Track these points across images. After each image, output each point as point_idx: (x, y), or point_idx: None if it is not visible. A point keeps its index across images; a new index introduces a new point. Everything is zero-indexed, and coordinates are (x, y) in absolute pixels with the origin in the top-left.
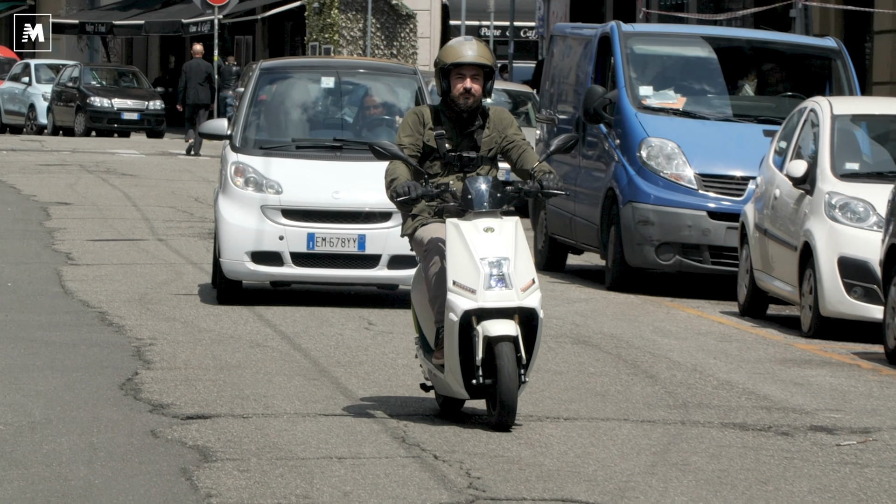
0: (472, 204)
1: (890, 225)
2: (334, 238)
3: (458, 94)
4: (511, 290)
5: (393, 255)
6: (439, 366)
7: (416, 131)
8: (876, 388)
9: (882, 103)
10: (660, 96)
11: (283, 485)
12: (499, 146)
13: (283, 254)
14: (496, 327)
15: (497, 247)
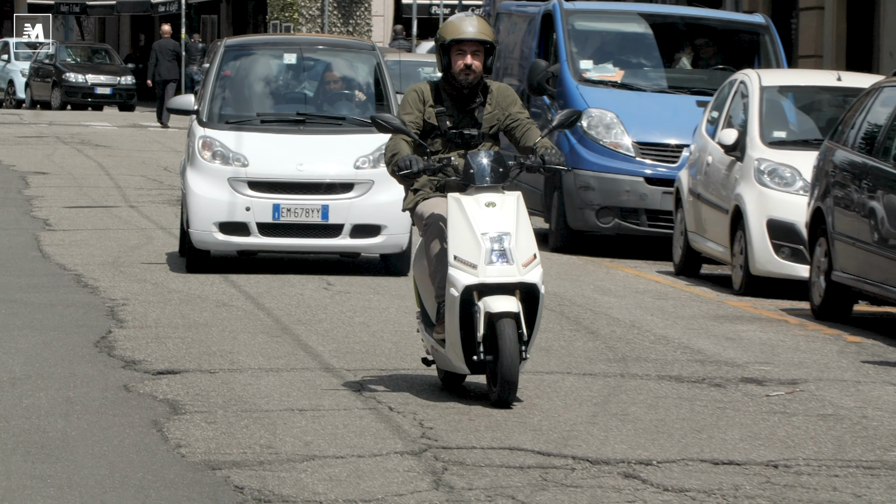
0: (474, 178)
1: (815, 189)
2: (299, 209)
3: (458, 71)
4: (512, 265)
5: (355, 225)
6: (440, 341)
7: (416, 109)
8: (802, 342)
9: (807, 75)
10: (599, 70)
11: (248, 435)
12: (501, 123)
13: (249, 224)
14: (498, 304)
15: (498, 222)
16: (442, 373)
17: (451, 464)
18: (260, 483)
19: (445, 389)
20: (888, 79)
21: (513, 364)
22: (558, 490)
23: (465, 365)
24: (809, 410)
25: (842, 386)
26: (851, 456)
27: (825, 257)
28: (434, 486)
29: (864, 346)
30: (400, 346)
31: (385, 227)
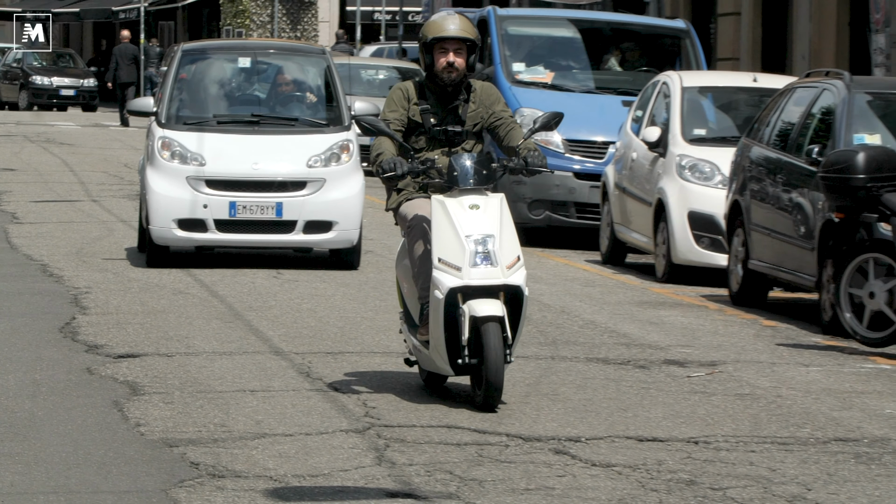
0: (458, 181)
1: (733, 183)
2: (254, 206)
3: (441, 69)
4: (496, 267)
5: (308, 221)
6: (424, 342)
7: (400, 106)
8: (721, 326)
9: (725, 77)
10: (531, 72)
11: (203, 415)
12: (485, 122)
13: (207, 221)
14: (482, 307)
15: (482, 224)
16: (424, 373)
17: (392, 441)
18: (214, 459)
19: (427, 389)
20: (801, 80)
21: (498, 368)
22: (493, 465)
23: (449, 367)
24: (728, 390)
25: (758, 367)
26: (767, 433)
27: (742, 247)
28: (377, 462)
29: (778, 329)
30: (345, 330)
31: (336, 224)
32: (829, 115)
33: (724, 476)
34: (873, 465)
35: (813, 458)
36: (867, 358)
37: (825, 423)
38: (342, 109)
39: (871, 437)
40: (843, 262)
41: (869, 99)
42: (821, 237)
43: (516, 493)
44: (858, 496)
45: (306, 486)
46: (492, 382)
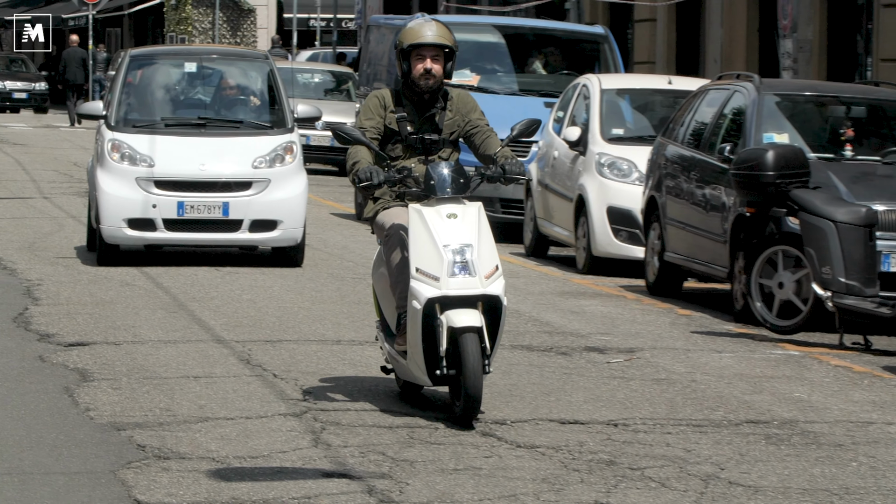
0: (435, 190)
1: (649, 180)
2: (201, 205)
3: (418, 76)
4: (475, 277)
5: (253, 220)
6: (402, 352)
7: (376, 114)
8: (639, 315)
9: (642, 79)
10: (458, 75)
11: (149, 400)
12: (461, 130)
13: (156, 220)
14: (460, 318)
15: (460, 233)
16: (400, 381)
17: (328, 424)
18: (160, 442)
19: (403, 399)
20: (713, 82)
21: (477, 380)
22: (423, 447)
23: (427, 378)
24: (645, 375)
25: (673, 354)
26: (682, 415)
27: (658, 240)
28: (314, 444)
29: (693, 318)
30: (283, 319)
31: (281, 222)
32: (739, 115)
33: (642, 457)
34: (783, 446)
35: (726, 439)
36: (777, 345)
37: (737, 406)
38: (285, 112)
39: (781, 419)
40: (753, 254)
41: (777, 100)
42: (732, 231)
43: (445, 473)
44: (769, 475)
45: (247, 466)
46: (471, 394)
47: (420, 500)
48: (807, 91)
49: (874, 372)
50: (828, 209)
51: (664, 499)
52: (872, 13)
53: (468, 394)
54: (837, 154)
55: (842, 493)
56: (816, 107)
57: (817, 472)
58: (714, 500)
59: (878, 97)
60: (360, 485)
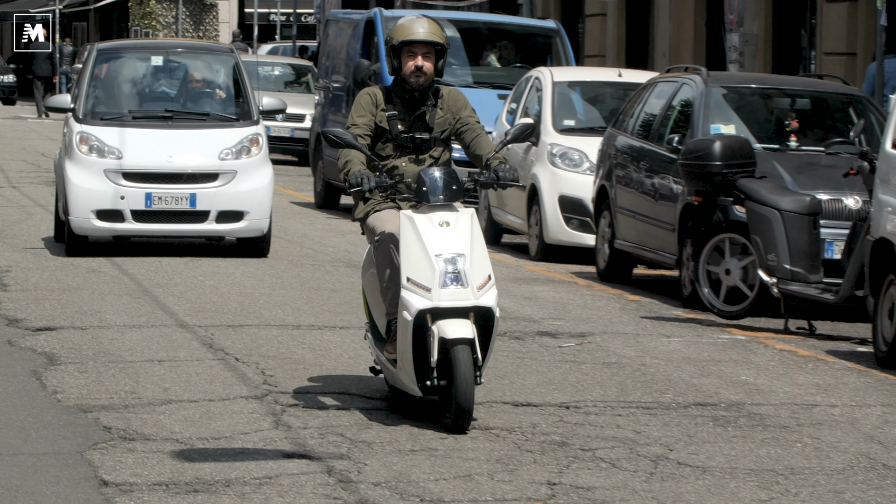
0: (427, 196)
1: (600, 169)
2: (169, 197)
3: (409, 73)
4: (467, 288)
5: (220, 211)
6: (391, 360)
7: (368, 112)
8: (590, 300)
9: (592, 72)
10: None
11: (115, 383)
12: (452, 128)
13: (124, 211)
14: (452, 328)
15: (452, 242)
16: (388, 384)
17: (288, 406)
18: (125, 423)
19: (394, 409)
20: (662, 75)
21: (468, 392)
22: (381, 429)
23: (417, 388)
24: (596, 359)
25: (624, 338)
26: (632, 398)
27: (609, 228)
28: (274, 426)
29: (642, 303)
30: (245, 305)
31: (247, 213)
32: (687, 107)
33: (593, 438)
34: (730, 428)
35: (675, 421)
36: (724, 329)
37: (686, 389)
38: (251, 104)
39: (728, 401)
40: (701, 241)
41: (724, 92)
42: (681, 219)
43: (402, 454)
44: (716, 455)
45: (210, 447)
46: (462, 406)
47: (378, 480)
48: (753, 84)
49: (818, 356)
50: (773, 198)
51: (615, 479)
52: (816, 8)
53: (459, 405)
54: (782, 145)
55: (787, 473)
56: (762, 99)
57: (763, 453)
58: (663, 480)
59: (822, 90)
60: (320, 465)
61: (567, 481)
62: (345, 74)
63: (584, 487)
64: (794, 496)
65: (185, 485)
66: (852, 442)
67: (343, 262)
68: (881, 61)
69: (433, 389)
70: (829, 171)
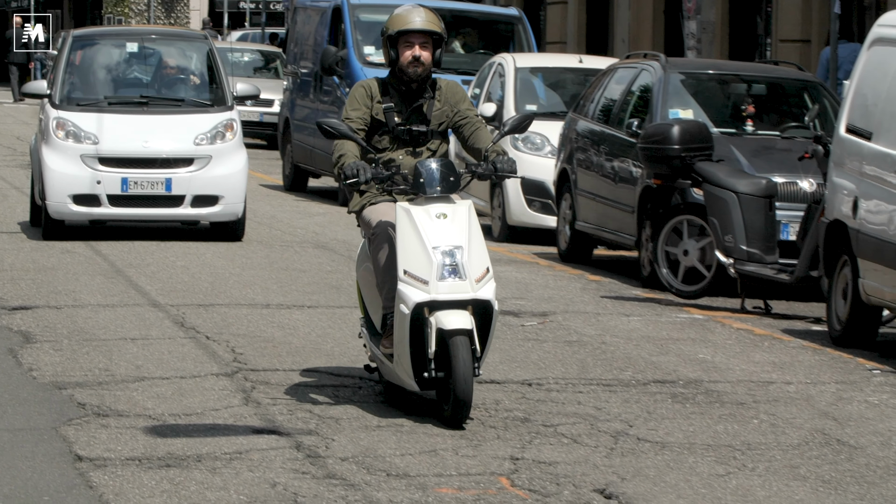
0: (424, 188)
1: (561, 153)
2: (145, 181)
3: (406, 63)
4: (465, 281)
5: (196, 195)
6: (387, 355)
7: (363, 105)
8: (551, 280)
9: (554, 58)
10: (380, 54)
11: (89, 360)
12: (450, 120)
13: (100, 196)
14: (450, 319)
15: (450, 235)
16: (384, 380)
17: (258, 383)
18: (99, 400)
19: (387, 402)
20: (622, 61)
21: (467, 384)
22: (349, 405)
23: (414, 383)
24: (558, 337)
25: (584, 317)
26: (593, 375)
27: (570, 210)
28: (244, 402)
29: (602, 283)
30: (215, 285)
31: (222, 198)
32: (647, 92)
33: (554, 414)
34: (688, 404)
35: (634, 398)
36: (682, 308)
37: (645, 366)
38: (225, 90)
39: (686, 379)
40: (659, 223)
41: (682, 78)
42: (640, 201)
43: (369, 430)
44: (675, 431)
45: (181, 423)
46: (461, 398)
47: (345, 455)
48: (710, 70)
49: (774, 334)
50: (730, 181)
51: (576, 454)
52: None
53: (458, 398)
54: (739, 129)
55: (744, 448)
56: (719, 84)
57: (720, 429)
58: (623, 456)
59: (777, 75)
60: (289, 441)
61: (529, 456)
62: (312, 61)
63: (546, 462)
64: (751, 471)
65: (157, 459)
66: (807, 418)
67: (311, 244)
68: (835, 47)
69: (431, 382)
70: (784, 155)
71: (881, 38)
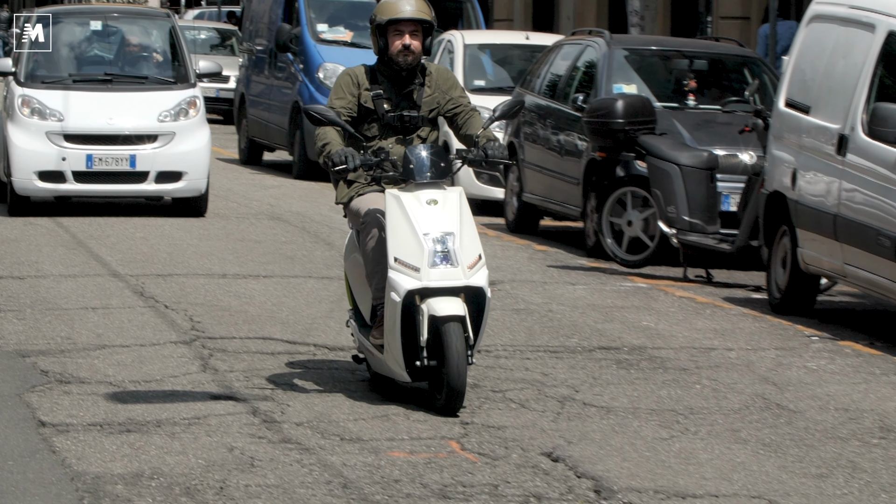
0: (414, 174)
1: (509, 127)
2: (109, 158)
3: (396, 52)
4: (457, 267)
5: (159, 172)
6: (377, 346)
7: (348, 93)
8: (499, 250)
9: (501, 35)
10: (333, 31)
11: (52, 329)
12: (441, 108)
13: (66, 172)
14: (443, 306)
15: (441, 221)
16: (371, 370)
17: (215, 351)
18: (61, 368)
19: (375, 389)
20: (567, 38)
21: (461, 371)
22: (303, 371)
23: (406, 373)
24: (505, 306)
25: (531, 286)
26: (540, 342)
27: (517, 182)
28: (202, 369)
29: (549, 253)
30: (173, 255)
31: (186, 174)
32: (591, 68)
33: (503, 380)
34: (632, 370)
35: (580, 364)
36: (626, 277)
37: (590, 333)
38: (188, 67)
39: (630, 345)
40: (604, 194)
41: (626, 54)
42: (585, 173)
43: (323, 396)
44: (620, 396)
45: (141, 390)
46: (454, 386)
47: (300, 420)
48: (653, 46)
49: (715, 302)
50: (673, 154)
51: (524, 418)
52: None
53: (451, 386)
54: (681, 104)
55: (686, 412)
56: (662, 60)
57: (664, 394)
58: (570, 420)
59: (718, 51)
60: (245, 406)
61: (479, 421)
62: (267, 38)
63: (495, 427)
64: (694, 434)
65: (118, 425)
66: (748, 383)
67: (266, 215)
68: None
69: (423, 371)
70: (725, 129)
71: (819, 16)
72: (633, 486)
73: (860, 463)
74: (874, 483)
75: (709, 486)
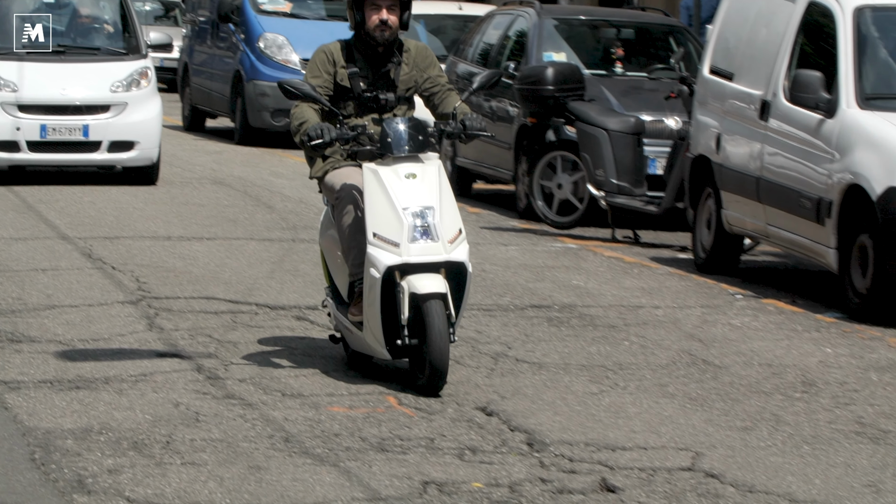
0: (392, 147)
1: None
2: (63, 128)
3: (373, 27)
4: (437, 242)
5: (112, 142)
6: (356, 323)
7: (324, 71)
8: None
9: (435, 6)
10: (273, 3)
11: (2, 290)
12: (419, 86)
13: (20, 142)
14: (424, 283)
15: (420, 195)
16: (349, 349)
17: (161, 310)
18: (12, 327)
19: (352, 369)
20: (499, 8)
21: (443, 349)
22: (245, 329)
23: (386, 351)
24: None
25: None
26: (473, 301)
27: (451, 147)
28: (148, 328)
29: (482, 216)
30: (120, 219)
31: (138, 143)
32: (523, 37)
33: None
34: (563, 328)
35: (513, 322)
36: (556, 238)
37: (522, 292)
38: (139, 39)
39: (561, 304)
40: (535, 159)
41: (556, 24)
42: (517, 138)
43: (265, 353)
44: (551, 353)
45: (90, 348)
46: (436, 364)
47: (243, 377)
48: (582, 16)
49: (643, 262)
50: (601, 119)
51: (459, 374)
52: None
53: (433, 364)
54: (609, 71)
55: (616, 368)
56: (590, 29)
57: (594, 350)
58: (503, 376)
59: (645, 21)
60: (190, 363)
61: None
62: (210, 9)
63: None
64: (623, 389)
65: (68, 382)
66: (675, 340)
67: (209, 180)
68: None
69: (404, 350)
70: (651, 95)
71: None
72: (565, 438)
73: (783, 416)
74: (796, 435)
75: (638, 438)
